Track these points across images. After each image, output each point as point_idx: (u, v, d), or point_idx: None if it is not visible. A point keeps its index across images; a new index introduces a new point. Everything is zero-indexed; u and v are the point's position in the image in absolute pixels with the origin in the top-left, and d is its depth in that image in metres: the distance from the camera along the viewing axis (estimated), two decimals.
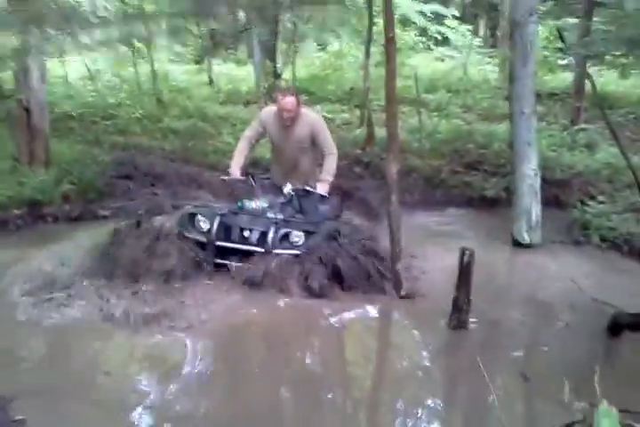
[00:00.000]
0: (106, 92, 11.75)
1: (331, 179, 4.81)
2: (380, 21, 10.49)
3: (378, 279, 4.29)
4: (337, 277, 4.25)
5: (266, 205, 4.66)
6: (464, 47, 13.68)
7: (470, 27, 15.06)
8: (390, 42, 4.02)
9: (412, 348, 3.83)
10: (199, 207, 4.77)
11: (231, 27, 13.61)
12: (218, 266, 4.41)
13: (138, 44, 11.39)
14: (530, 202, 5.45)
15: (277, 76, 12.87)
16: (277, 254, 4.32)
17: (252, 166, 5.98)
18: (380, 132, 9.44)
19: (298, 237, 4.46)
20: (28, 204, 5.81)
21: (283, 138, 4.93)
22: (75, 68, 13.11)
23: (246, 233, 4.48)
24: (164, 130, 9.84)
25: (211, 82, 13.99)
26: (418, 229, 6.17)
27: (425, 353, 3.67)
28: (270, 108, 5.04)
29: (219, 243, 4.40)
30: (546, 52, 12.68)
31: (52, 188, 6.06)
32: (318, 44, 15.12)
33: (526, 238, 5.47)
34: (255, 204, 4.65)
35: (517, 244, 5.54)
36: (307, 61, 14.66)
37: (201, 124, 10.37)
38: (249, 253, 4.39)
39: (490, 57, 14.25)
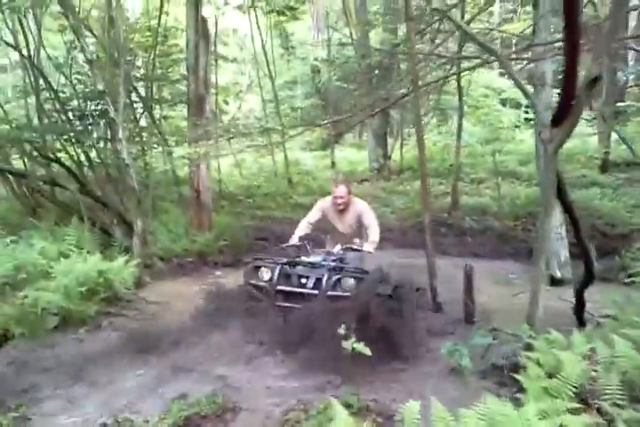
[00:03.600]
0: (248, 177, 14.76)
1: (375, 245, 5.41)
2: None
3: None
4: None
5: (320, 259, 5.18)
6: None
7: None
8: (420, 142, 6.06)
9: None
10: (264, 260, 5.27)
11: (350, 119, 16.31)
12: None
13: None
14: (557, 247, 6.99)
15: (387, 158, 15.34)
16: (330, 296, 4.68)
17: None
18: (466, 199, 11.37)
19: (348, 282, 4.83)
20: (197, 254, 8.32)
21: (337, 220, 5.75)
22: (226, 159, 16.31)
23: (303, 280, 4.93)
24: (293, 204, 12.34)
25: (333, 165, 16.67)
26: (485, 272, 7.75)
27: None
28: (327, 198, 5.88)
29: (280, 287, 4.91)
30: None
31: (213, 244, 8.57)
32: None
33: (558, 275, 6.96)
34: (311, 258, 5.20)
35: (552, 280, 7.00)
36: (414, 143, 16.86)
37: (320, 199, 12.80)
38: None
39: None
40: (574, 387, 2.76)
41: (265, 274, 5.08)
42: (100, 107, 8.66)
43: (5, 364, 4.38)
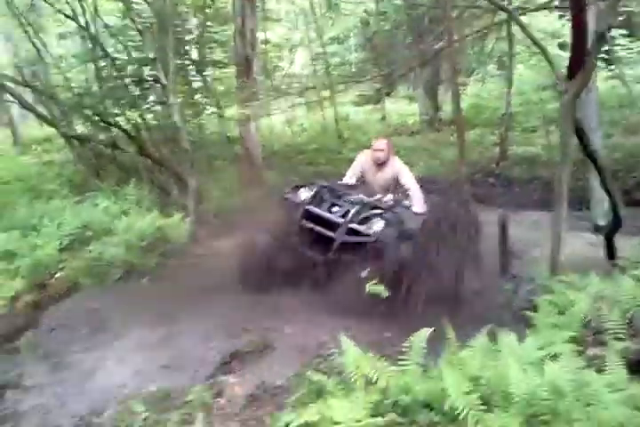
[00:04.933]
0: (299, 133, 15.01)
1: (422, 207, 5.12)
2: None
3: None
4: None
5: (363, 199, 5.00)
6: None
7: None
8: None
9: None
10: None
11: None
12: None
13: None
14: (602, 195, 6.96)
15: (437, 109, 15.21)
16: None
17: None
18: (516, 149, 11.26)
19: (377, 223, 4.70)
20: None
21: (373, 177, 5.49)
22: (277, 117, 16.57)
23: (335, 208, 4.87)
24: (343, 159, 12.54)
25: (383, 118, 16.65)
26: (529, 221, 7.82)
27: None
28: (366, 151, 5.59)
29: (308, 207, 4.86)
30: None
31: None
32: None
33: (602, 223, 6.98)
34: (355, 196, 5.03)
35: (596, 228, 7.04)
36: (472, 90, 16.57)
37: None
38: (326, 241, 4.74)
39: None
40: (580, 322, 2.99)
41: (302, 193, 5.05)
42: (154, 72, 9.03)
43: (75, 310, 4.93)
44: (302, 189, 5.11)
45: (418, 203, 5.13)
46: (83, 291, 5.35)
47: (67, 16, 8.58)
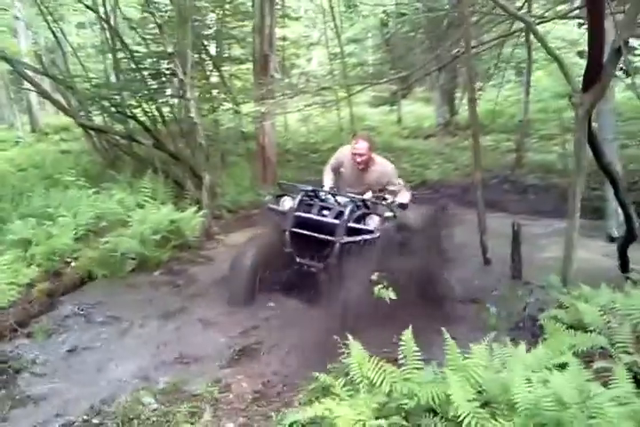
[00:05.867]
0: (314, 132, 15.04)
1: (407, 199, 5.07)
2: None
3: None
4: None
5: (347, 199, 4.84)
6: None
7: None
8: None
9: None
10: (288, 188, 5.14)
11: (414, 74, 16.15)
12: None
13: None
14: (616, 206, 6.95)
15: (453, 113, 15.21)
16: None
17: None
18: (532, 156, 11.23)
19: (374, 220, 4.60)
20: (260, 207, 8.82)
21: (354, 180, 5.16)
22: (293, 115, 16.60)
23: (325, 211, 4.74)
24: None
25: (399, 120, 16.68)
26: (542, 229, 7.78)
27: None
28: (347, 147, 5.19)
29: (298, 214, 4.69)
30: None
31: None
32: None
33: (616, 234, 6.96)
34: (338, 197, 4.90)
35: (610, 238, 7.02)
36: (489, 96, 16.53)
37: (385, 154, 12.95)
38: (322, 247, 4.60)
39: None
40: (588, 335, 3.01)
41: (286, 202, 4.87)
42: (172, 66, 9.09)
43: (89, 300, 5.01)
44: (285, 198, 4.95)
45: (403, 196, 5.06)
46: (97, 281, 5.43)
47: (87, 6, 8.63)
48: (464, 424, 2.16)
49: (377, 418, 2.37)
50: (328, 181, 5.31)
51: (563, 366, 2.60)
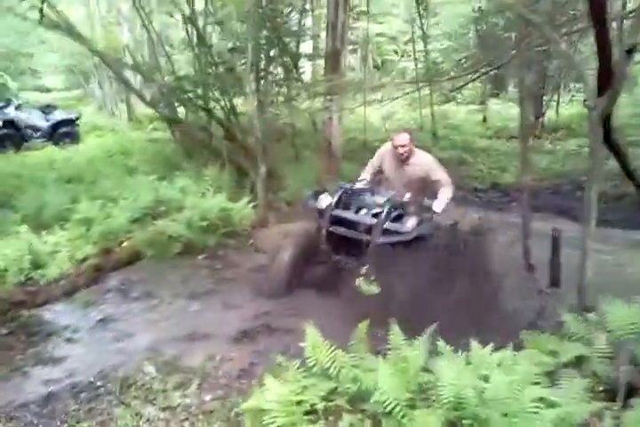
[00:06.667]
0: (393, 130, 15.01)
1: (445, 203, 4.86)
2: None
3: None
4: None
5: (385, 198, 4.75)
6: None
7: None
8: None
9: None
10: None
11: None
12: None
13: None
14: None
15: (540, 115, 14.64)
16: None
17: None
18: (613, 163, 10.62)
19: (410, 221, 4.56)
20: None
21: (395, 174, 5.12)
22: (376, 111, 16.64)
23: (363, 211, 4.74)
24: None
25: (484, 119, 16.29)
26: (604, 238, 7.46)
27: None
28: (388, 144, 5.20)
29: (335, 212, 4.71)
30: None
31: None
32: None
33: None
34: (376, 197, 4.85)
35: None
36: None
37: (463, 154, 12.78)
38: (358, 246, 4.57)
39: None
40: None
41: (323, 199, 4.88)
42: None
43: (132, 277, 5.44)
44: (322, 195, 4.96)
45: (440, 201, 4.81)
46: (144, 261, 5.86)
47: (173, 4, 9.16)
48: (388, 409, 2.26)
49: (324, 400, 2.50)
50: (365, 174, 5.28)
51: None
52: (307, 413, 2.46)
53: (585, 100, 3.47)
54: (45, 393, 3.35)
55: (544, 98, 14.74)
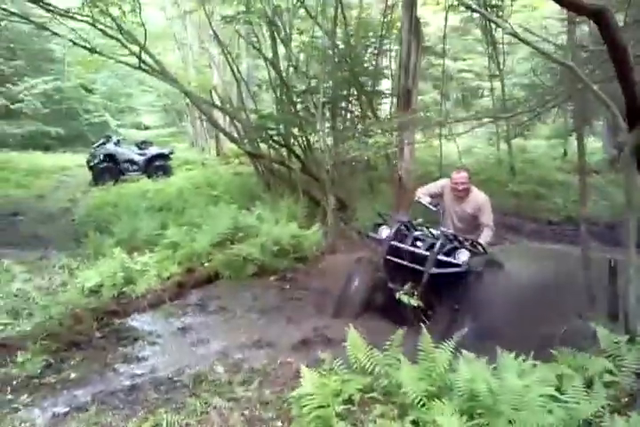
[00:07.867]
0: (471, 164, 15.21)
1: (486, 240, 5.17)
2: None
3: None
4: None
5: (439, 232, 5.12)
6: None
7: None
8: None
9: None
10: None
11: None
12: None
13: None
14: None
15: (621, 149, 14.39)
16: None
17: None
18: None
19: (463, 254, 4.79)
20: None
21: (452, 209, 5.55)
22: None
23: (419, 243, 5.07)
24: (508, 192, 12.55)
25: (565, 153, 16.14)
26: None
27: None
28: (446, 180, 5.67)
29: (393, 243, 5.06)
30: None
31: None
32: None
33: None
34: (434, 231, 5.24)
35: None
36: None
37: (538, 188, 12.78)
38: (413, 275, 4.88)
39: None
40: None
41: (383, 231, 5.24)
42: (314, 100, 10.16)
43: (210, 294, 6.06)
44: (383, 227, 5.32)
45: (485, 235, 5.23)
46: (222, 280, 6.48)
47: (255, 48, 10.02)
48: (410, 399, 2.62)
49: (360, 391, 2.91)
50: (426, 197, 5.55)
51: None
52: (344, 401, 2.87)
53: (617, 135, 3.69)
54: (130, 385, 3.90)
55: None
